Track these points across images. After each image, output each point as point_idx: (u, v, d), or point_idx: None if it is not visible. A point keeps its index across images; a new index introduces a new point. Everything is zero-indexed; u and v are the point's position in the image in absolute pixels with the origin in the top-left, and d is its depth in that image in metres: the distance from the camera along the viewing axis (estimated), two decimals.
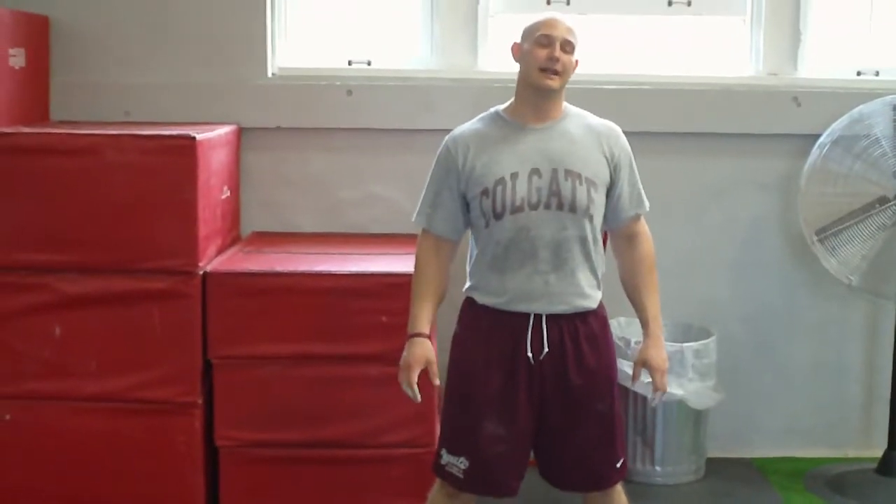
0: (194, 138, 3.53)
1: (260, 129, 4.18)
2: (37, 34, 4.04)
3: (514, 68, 3.02)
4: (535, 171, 2.89)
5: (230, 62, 4.16)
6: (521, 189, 2.88)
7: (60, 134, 3.64)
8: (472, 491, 3.02)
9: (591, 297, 2.98)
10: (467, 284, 3.04)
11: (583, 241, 2.93)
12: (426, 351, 2.96)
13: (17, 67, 3.83)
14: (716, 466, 4.24)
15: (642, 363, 3.02)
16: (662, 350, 3.03)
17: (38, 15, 4.06)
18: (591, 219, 2.92)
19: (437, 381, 3.01)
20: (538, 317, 2.92)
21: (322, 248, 3.97)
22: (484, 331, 2.97)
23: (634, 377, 3.05)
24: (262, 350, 3.59)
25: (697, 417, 4.12)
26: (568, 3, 4.31)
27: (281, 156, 4.23)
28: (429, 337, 3.00)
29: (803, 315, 4.38)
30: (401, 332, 3.35)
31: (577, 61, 2.97)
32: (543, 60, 2.89)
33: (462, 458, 2.98)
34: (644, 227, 3.08)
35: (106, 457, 3.59)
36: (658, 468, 4.11)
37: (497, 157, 2.92)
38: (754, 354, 4.38)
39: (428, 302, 3.00)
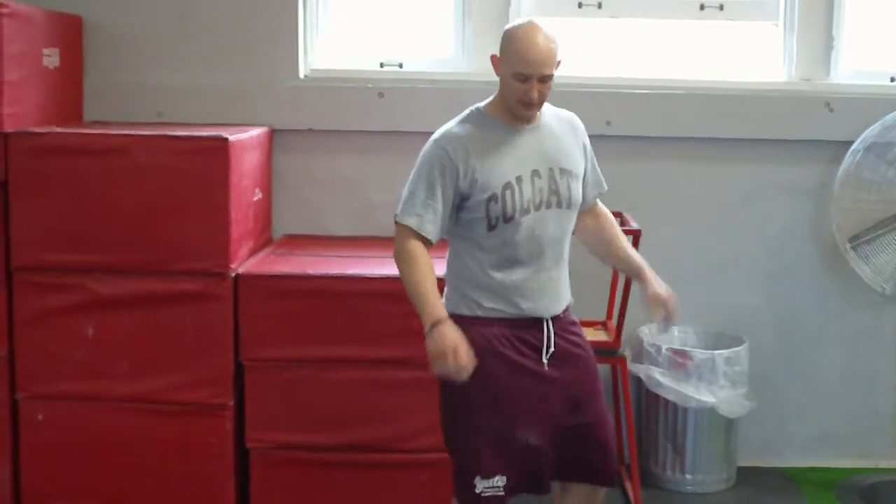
0: (227, 140, 3.53)
1: (292, 130, 4.18)
2: (71, 34, 4.04)
3: None
4: (536, 173, 2.92)
5: (262, 64, 4.16)
6: (527, 191, 2.90)
7: (93, 134, 3.65)
8: (515, 496, 2.97)
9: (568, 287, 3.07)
10: (459, 298, 2.95)
11: (569, 236, 3.01)
12: (460, 334, 2.82)
13: (51, 67, 3.84)
14: (747, 475, 4.22)
15: (656, 297, 3.03)
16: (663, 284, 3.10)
17: (72, 15, 4.07)
18: (575, 212, 3.01)
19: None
20: (543, 320, 2.94)
21: (353, 251, 3.96)
22: (492, 341, 2.90)
23: (655, 315, 3.05)
24: (293, 352, 3.59)
25: (729, 426, 4.09)
26: (600, 7, 4.30)
27: (312, 158, 4.22)
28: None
29: (835, 323, 4.34)
30: None
31: (558, 62, 2.90)
32: (522, 95, 2.86)
33: (497, 477, 2.90)
34: (601, 203, 3.19)
35: (137, 458, 3.60)
36: (689, 476, 4.09)
37: (498, 161, 2.90)
38: (786, 363, 4.35)
39: (434, 289, 2.87)
